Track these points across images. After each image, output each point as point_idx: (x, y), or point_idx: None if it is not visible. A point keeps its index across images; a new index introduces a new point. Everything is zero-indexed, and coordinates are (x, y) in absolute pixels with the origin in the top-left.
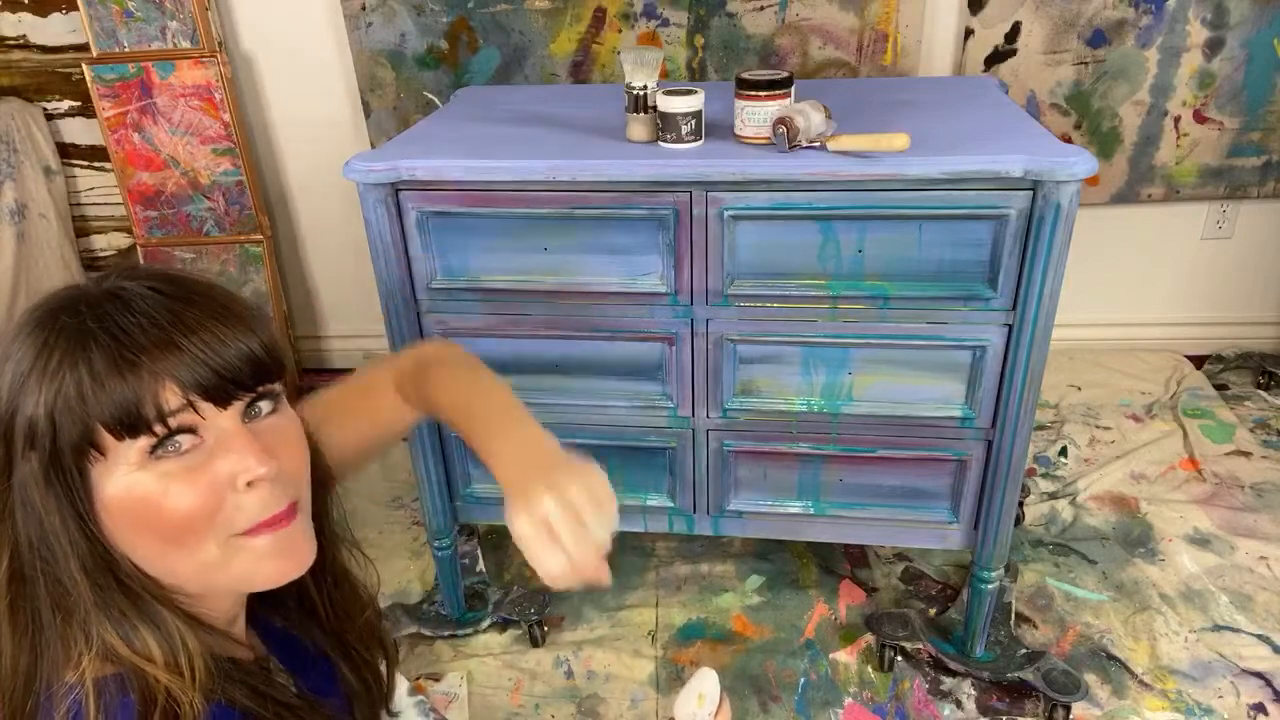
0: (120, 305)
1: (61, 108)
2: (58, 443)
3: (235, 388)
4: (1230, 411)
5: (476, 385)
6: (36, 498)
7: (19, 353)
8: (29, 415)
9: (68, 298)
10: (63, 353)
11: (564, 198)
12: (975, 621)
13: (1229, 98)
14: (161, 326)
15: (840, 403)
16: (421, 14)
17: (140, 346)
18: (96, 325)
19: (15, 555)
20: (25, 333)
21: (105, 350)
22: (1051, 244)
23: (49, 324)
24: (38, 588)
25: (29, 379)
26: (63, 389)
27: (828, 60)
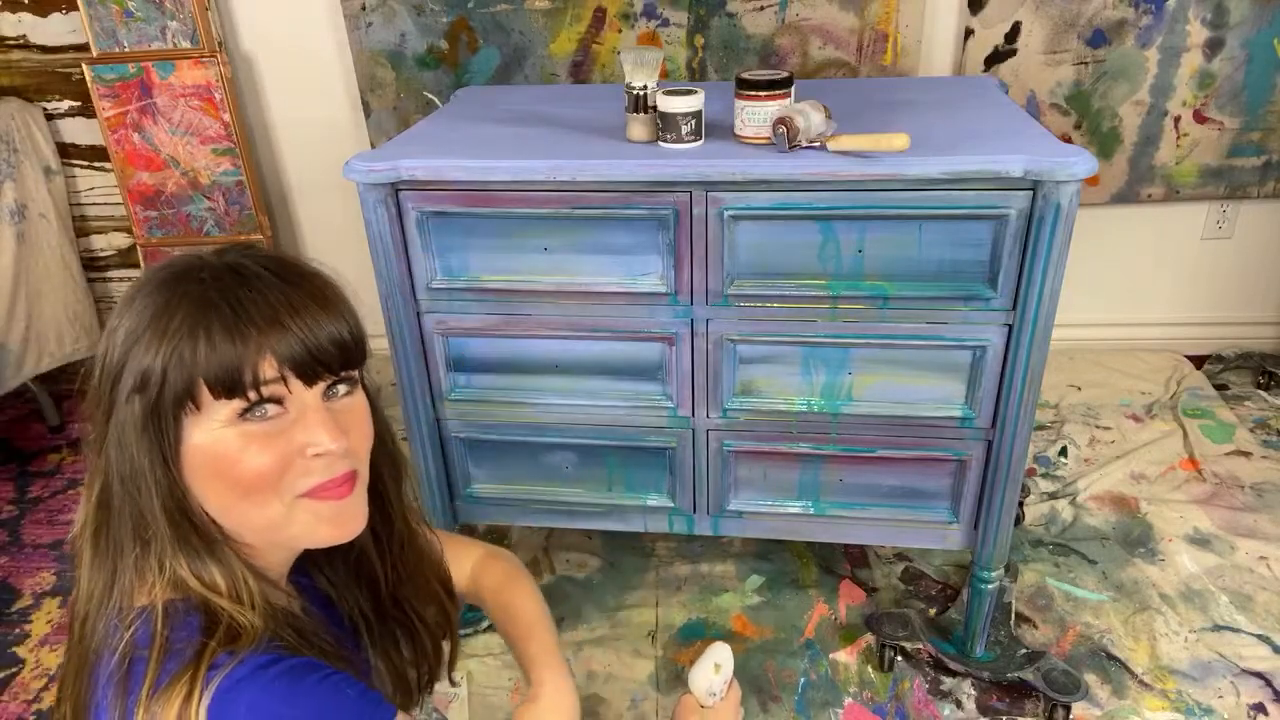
0: (239, 280)
1: (61, 108)
2: (163, 393)
3: (323, 369)
4: (1230, 411)
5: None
6: (132, 438)
7: (139, 308)
8: (143, 365)
9: (191, 266)
10: (184, 315)
11: (564, 198)
12: (975, 621)
13: (1229, 98)
14: (272, 306)
15: (840, 403)
16: (421, 14)
17: (251, 320)
18: (217, 295)
19: (105, 487)
20: (147, 291)
21: (222, 319)
22: (1051, 244)
23: (173, 287)
24: (123, 518)
25: (147, 333)
26: (179, 347)
27: (828, 60)
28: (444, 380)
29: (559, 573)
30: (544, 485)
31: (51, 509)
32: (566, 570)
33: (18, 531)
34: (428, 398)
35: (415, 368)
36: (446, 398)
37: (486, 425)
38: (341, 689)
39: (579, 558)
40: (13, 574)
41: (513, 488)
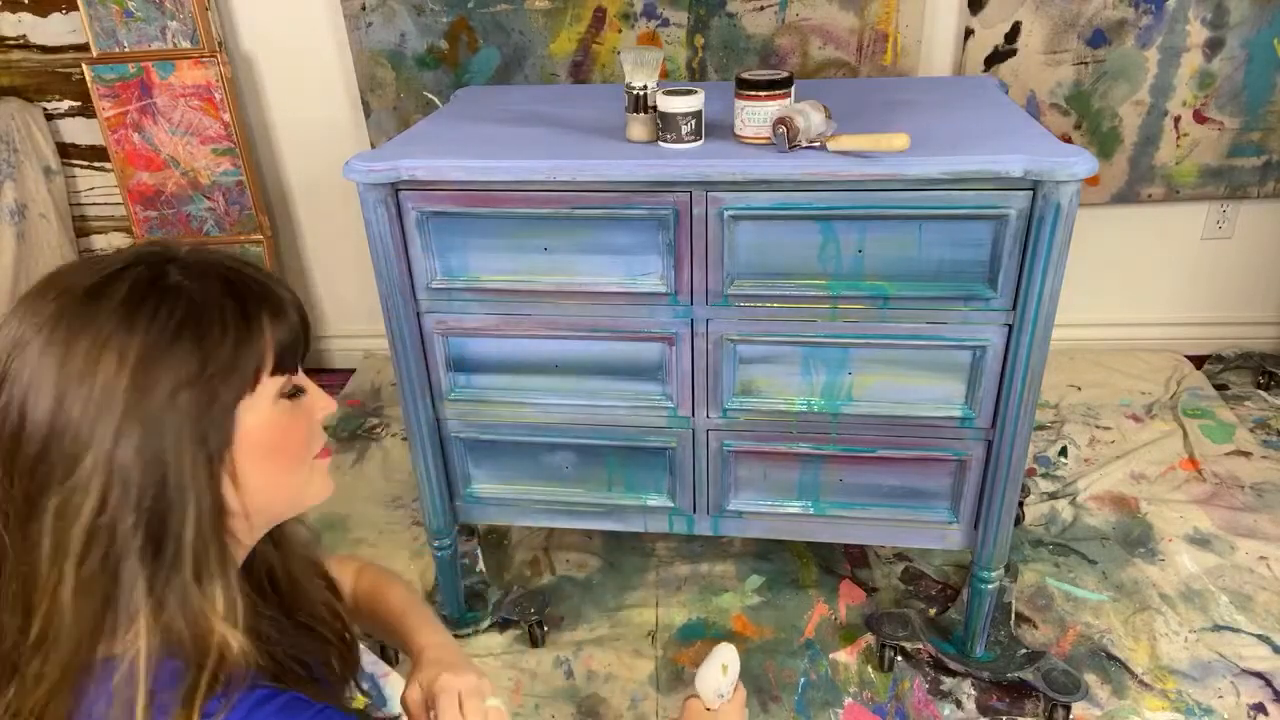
0: (249, 267)
1: (61, 108)
2: (227, 382)
3: (306, 352)
4: (1230, 411)
5: (422, 604)
6: (174, 445)
7: (155, 320)
8: (193, 366)
9: (161, 275)
10: (223, 307)
11: (564, 198)
12: (975, 621)
13: (1229, 98)
14: (274, 288)
15: (840, 403)
16: (421, 14)
17: (283, 300)
18: (235, 285)
19: (103, 509)
20: (142, 308)
21: (263, 302)
22: (1051, 244)
23: (180, 292)
24: (128, 546)
25: (185, 337)
26: (239, 335)
27: (828, 60)
28: (444, 380)
29: (559, 573)
30: (544, 485)
31: None
32: (566, 570)
33: None
34: (428, 398)
35: (415, 368)
36: (446, 398)
37: (486, 425)
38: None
39: (579, 558)
40: None
41: (513, 488)
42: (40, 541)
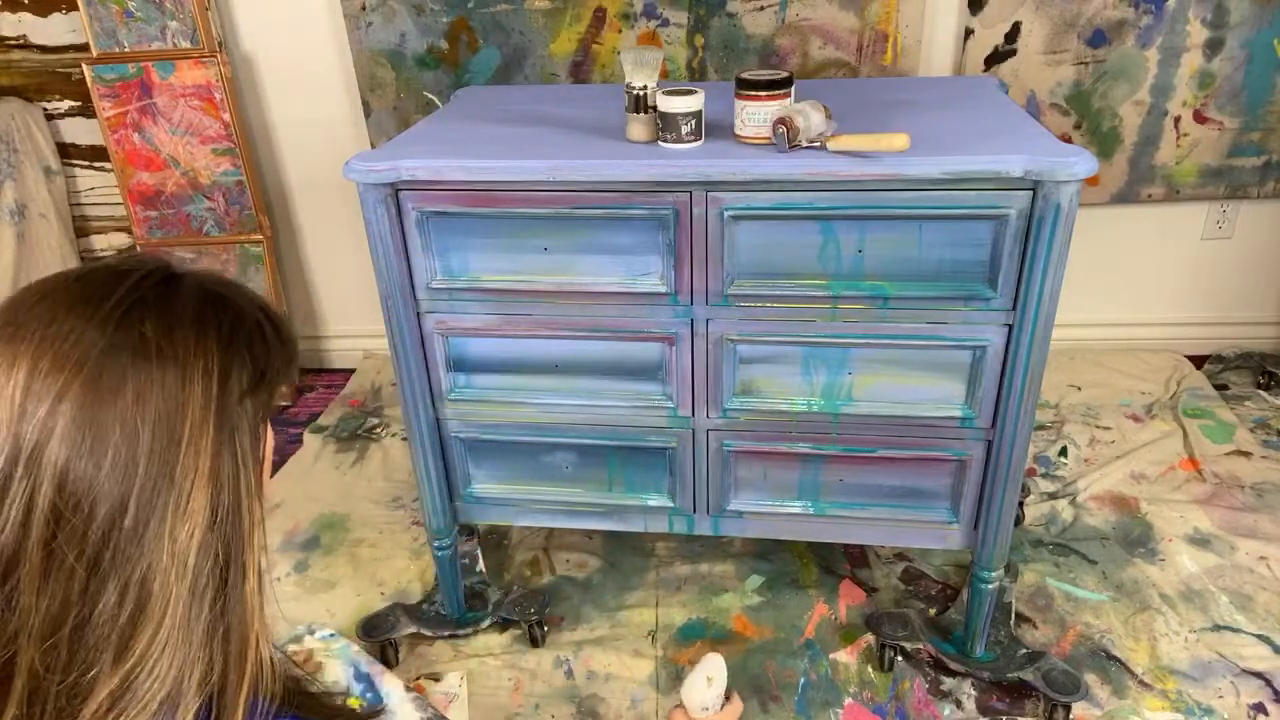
0: (224, 283)
1: (61, 108)
2: (271, 396)
3: None
4: (1230, 411)
5: None
6: (238, 454)
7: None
8: (263, 373)
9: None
10: (247, 320)
11: (564, 198)
12: (975, 621)
13: (1229, 98)
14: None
15: (840, 403)
16: (421, 14)
17: (279, 319)
18: (258, 300)
19: (209, 539)
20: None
21: (272, 321)
22: (1051, 244)
23: (213, 301)
24: (213, 572)
25: (230, 345)
26: (272, 346)
27: (828, 60)
28: (444, 380)
29: (559, 573)
30: (544, 485)
31: None
32: (566, 570)
33: None
34: (428, 398)
35: (415, 368)
36: (446, 398)
37: (486, 425)
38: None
39: (579, 558)
40: None
41: (513, 488)
42: (154, 566)
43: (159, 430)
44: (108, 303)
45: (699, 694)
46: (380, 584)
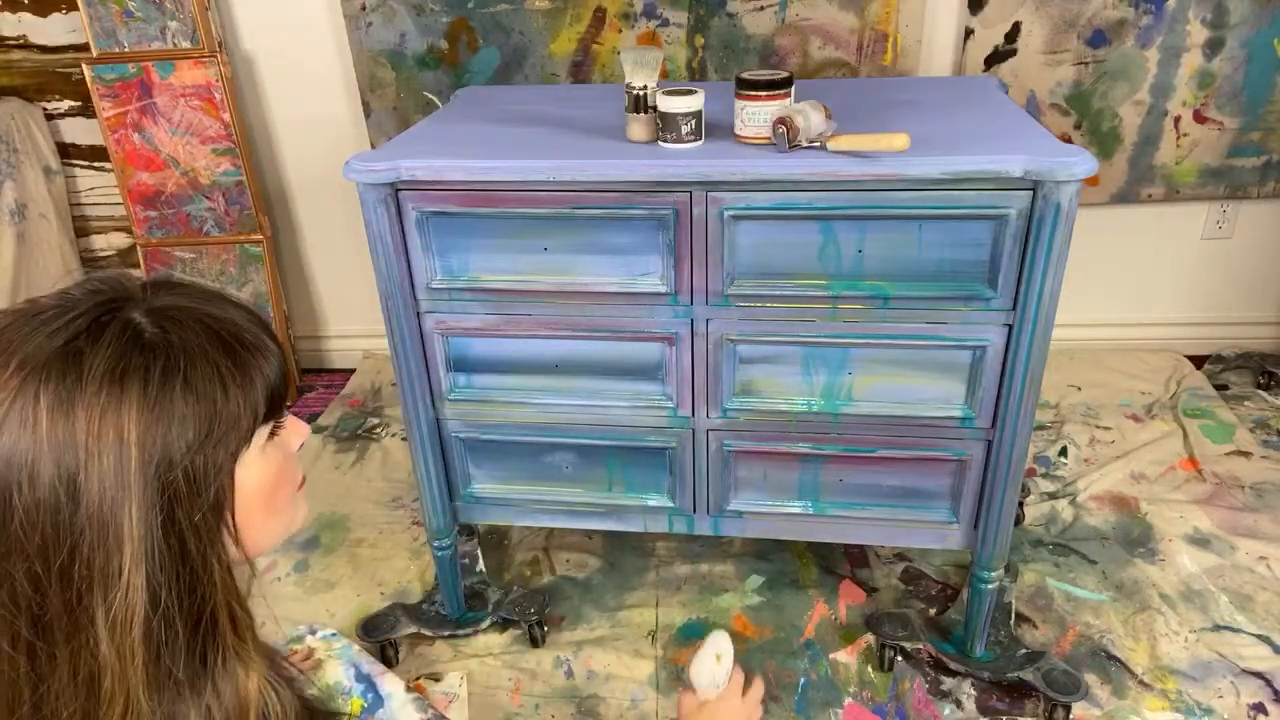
0: (218, 304)
1: (61, 108)
2: (222, 446)
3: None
4: (1230, 411)
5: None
6: (191, 512)
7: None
8: (190, 435)
9: (130, 329)
10: (212, 362)
11: (564, 198)
12: (975, 621)
13: (1229, 98)
14: (252, 326)
15: (840, 403)
16: (421, 14)
17: (261, 340)
18: (219, 332)
19: (155, 604)
20: (131, 372)
21: (248, 349)
22: (1051, 244)
23: (161, 350)
24: (179, 627)
25: (179, 402)
26: (230, 393)
27: (828, 60)
28: (444, 380)
29: (559, 573)
30: (544, 485)
31: None
32: (566, 570)
33: None
34: (428, 398)
35: (415, 368)
36: (446, 398)
37: (486, 425)
38: None
39: (579, 558)
40: None
41: (513, 488)
42: (98, 652)
43: (70, 500)
44: (56, 339)
45: (708, 672)
46: (380, 584)
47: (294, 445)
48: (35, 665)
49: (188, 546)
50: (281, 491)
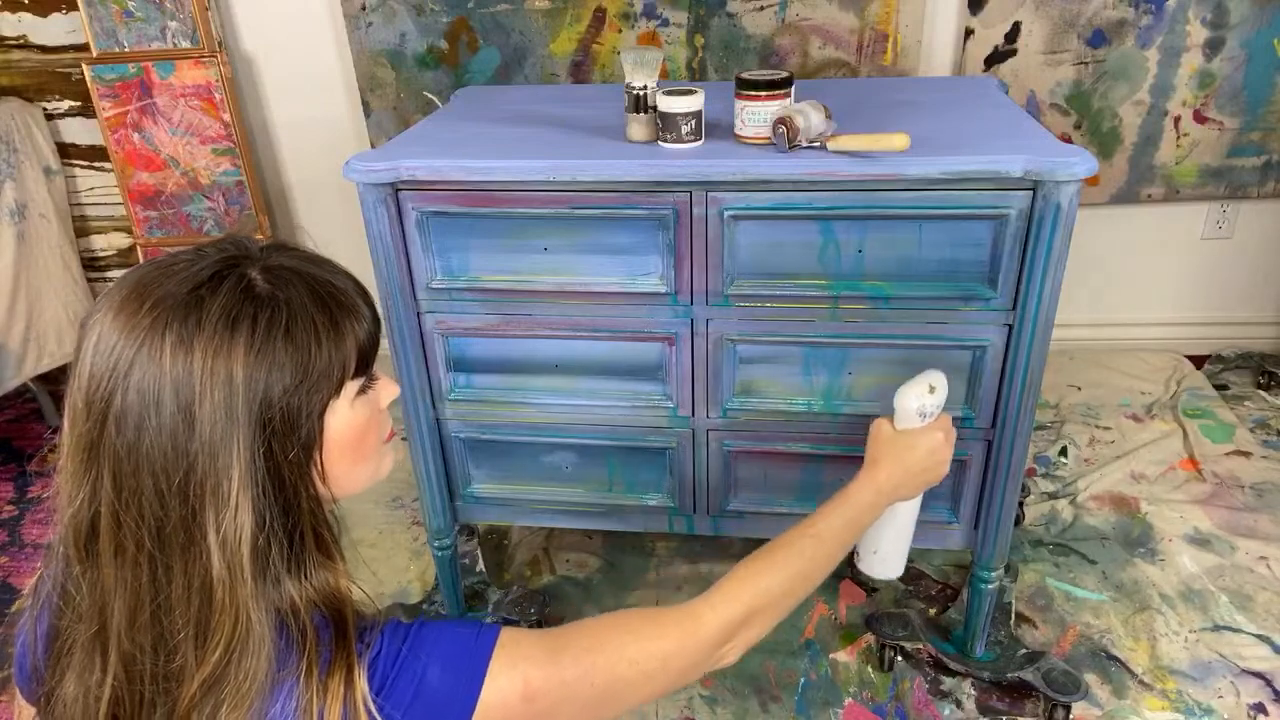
0: (309, 274)
1: (61, 108)
2: (314, 396)
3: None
4: (1230, 411)
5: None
6: (284, 447)
7: (240, 340)
8: (288, 381)
9: (244, 282)
10: (309, 319)
11: (564, 198)
12: (975, 621)
13: (1229, 98)
14: (347, 289)
15: (840, 403)
16: (421, 14)
17: (355, 303)
18: (319, 292)
19: (260, 526)
20: (239, 323)
21: (342, 309)
22: (1051, 244)
23: (267, 302)
24: (278, 546)
25: (280, 351)
26: (325, 347)
27: (828, 60)
28: (444, 380)
29: (559, 573)
30: (544, 485)
31: (51, 509)
32: (566, 570)
33: (17, 531)
34: (428, 398)
35: (415, 368)
36: (446, 398)
37: (486, 425)
38: (454, 623)
39: (579, 558)
40: (13, 574)
41: (513, 488)
42: (211, 566)
43: (187, 427)
44: (185, 285)
45: (917, 398)
46: (380, 584)
47: (383, 402)
48: (155, 576)
49: (283, 477)
50: (367, 441)
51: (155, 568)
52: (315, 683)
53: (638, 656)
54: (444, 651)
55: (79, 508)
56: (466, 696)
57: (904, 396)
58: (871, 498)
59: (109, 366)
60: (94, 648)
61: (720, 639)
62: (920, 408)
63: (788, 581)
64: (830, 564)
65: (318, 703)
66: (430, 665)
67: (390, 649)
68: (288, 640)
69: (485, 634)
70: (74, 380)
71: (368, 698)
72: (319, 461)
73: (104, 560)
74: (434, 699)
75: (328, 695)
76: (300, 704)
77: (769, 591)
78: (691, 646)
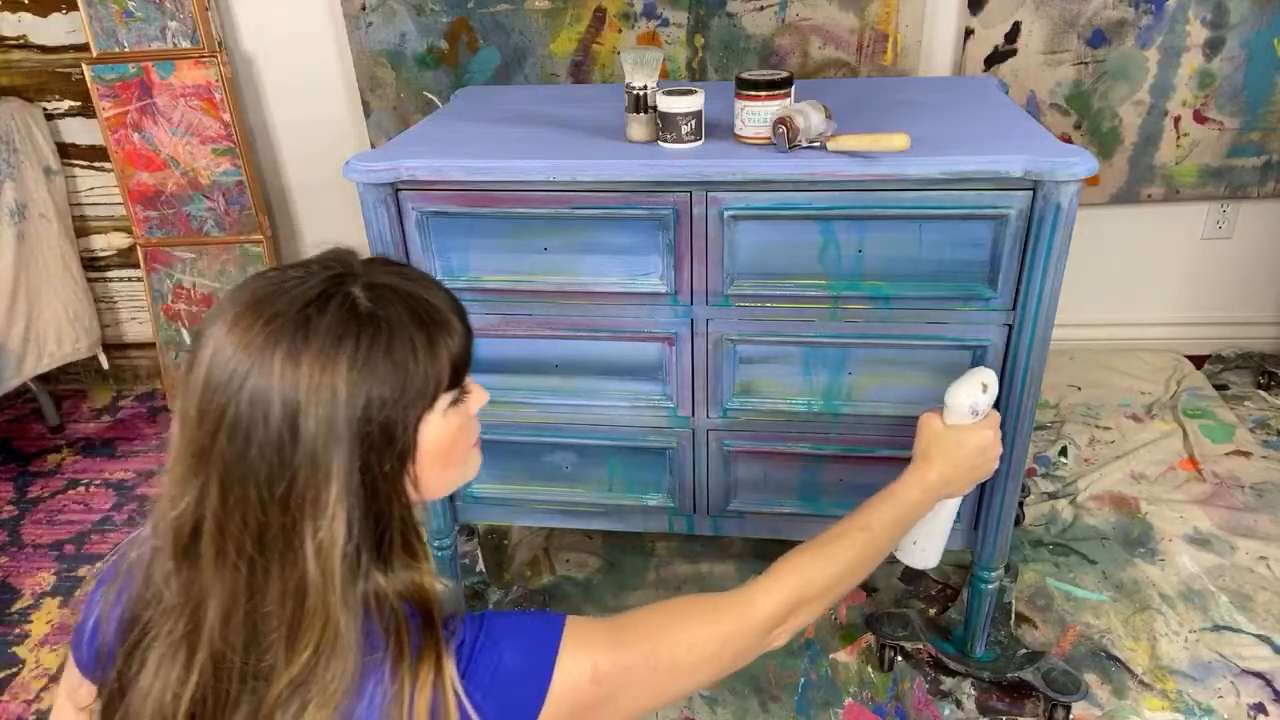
0: (410, 293)
1: (61, 108)
2: (410, 410)
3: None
4: (1230, 411)
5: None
6: (381, 460)
7: (345, 353)
8: (386, 394)
9: (349, 299)
10: (410, 335)
11: (564, 198)
12: (975, 621)
13: (1229, 98)
14: (443, 307)
15: (840, 403)
16: (421, 14)
17: (450, 321)
18: (418, 310)
19: (350, 535)
20: (344, 338)
21: (439, 327)
22: (1051, 244)
23: (371, 321)
24: (367, 552)
25: (381, 367)
26: (423, 365)
27: (828, 60)
28: None
29: (559, 573)
30: (544, 485)
31: (51, 509)
32: (566, 570)
33: (18, 531)
34: None
35: None
36: None
37: (486, 425)
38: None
39: (579, 558)
40: (12, 574)
41: (513, 488)
42: (307, 571)
43: (291, 439)
44: (296, 303)
45: (969, 395)
46: None
47: (473, 409)
48: (252, 579)
49: (378, 488)
50: (458, 448)
51: (253, 571)
52: (406, 670)
53: (696, 641)
54: (517, 638)
55: (183, 510)
56: (540, 679)
57: (956, 393)
58: (919, 495)
59: (224, 379)
60: (182, 644)
61: (772, 623)
62: (973, 404)
63: (837, 572)
64: (878, 557)
65: (409, 689)
66: (505, 650)
67: (469, 637)
68: (377, 632)
69: (553, 621)
70: (187, 388)
71: (455, 682)
72: (412, 470)
73: (204, 562)
74: (511, 681)
75: (418, 681)
76: (391, 691)
77: (819, 581)
78: (747, 630)
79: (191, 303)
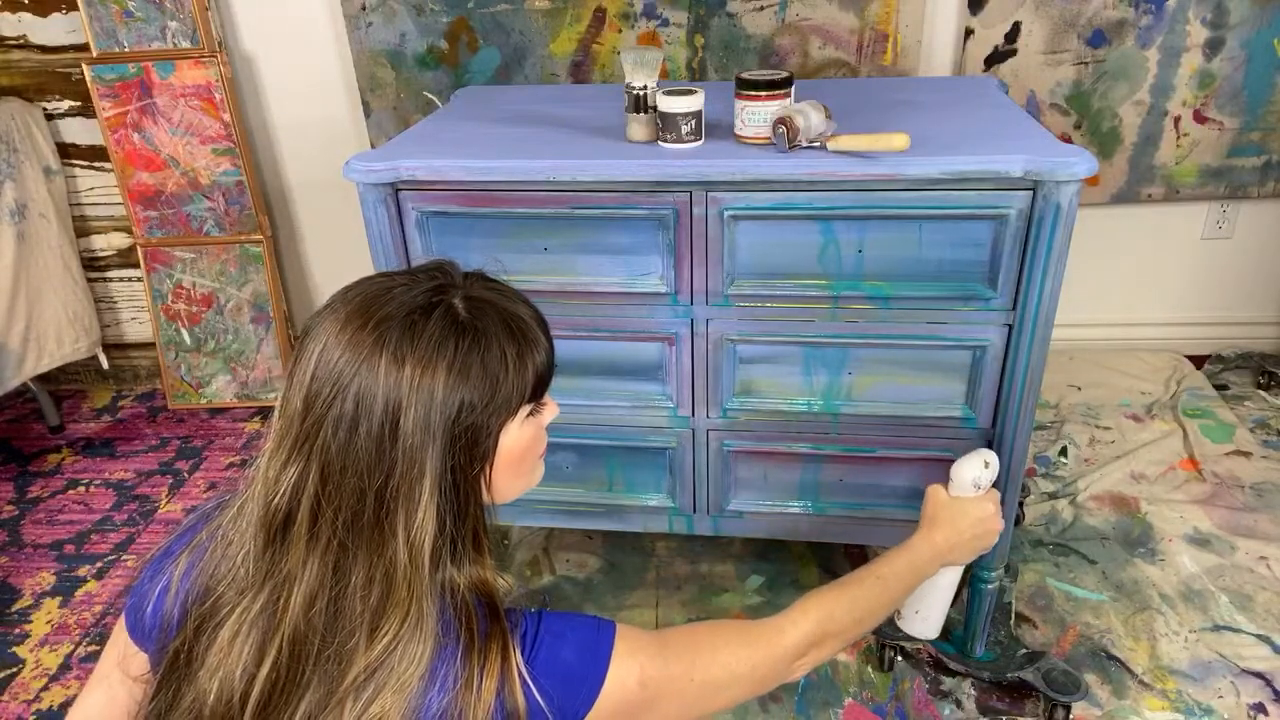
0: (504, 308)
1: (61, 108)
2: (493, 417)
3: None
4: (1230, 411)
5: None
6: (468, 461)
7: (445, 359)
8: (475, 399)
9: (451, 311)
10: (501, 348)
11: (564, 198)
12: (975, 621)
13: (1229, 98)
14: (531, 323)
15: (840, 403)
16: (421, 14)
17: (538, 337)
18: (511, 325)
19: (441, 530)
20: (445, 345)
21: (528, 342)
22: (1051, 244)
23: (470, 330)
24: (448, 546)
25: (473, 374)
26: (509, 377)
27: (828, 60)
28: None
29: (559, 573)
30: (544, 485)
31: (51, 509)
32: (566, 570)
33: (18, 531)
34: None
35: None
36: None
37: None
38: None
39: (579, 558)
40: (12, 574)
41: None
42: (396, 560)
43: (392, 435)
44: (403, 309)
45: (973, 470)
46: None
47: (546, 421)
48: (340, 565)
49: (461, 487)
50: (529, 457)
51: (343, 557)
52: (476, 655)
53: (729, 660)
54: (574, 635)
55: (280, 494)
56: (595, 677)
57: (961, 468)
58: (929, 553)
59: (333, 375)
60: (258, 623)
61: (797, 653)
62: (975, 479)
63: (855, 612)
64: (892, 605)
65: (478, 674)
66: (564, 646)
67: (530, 629)
68: (451, 620)
69: (605, 626)
70: (294, 380)
71: (522, 667)
72: (489, 473)
73: (294, 545)
74: (569, 675)
75: (487, 667)
76: (462, 676)
77: (840, 618)
78: (774, 655)
79: (191, 303)
